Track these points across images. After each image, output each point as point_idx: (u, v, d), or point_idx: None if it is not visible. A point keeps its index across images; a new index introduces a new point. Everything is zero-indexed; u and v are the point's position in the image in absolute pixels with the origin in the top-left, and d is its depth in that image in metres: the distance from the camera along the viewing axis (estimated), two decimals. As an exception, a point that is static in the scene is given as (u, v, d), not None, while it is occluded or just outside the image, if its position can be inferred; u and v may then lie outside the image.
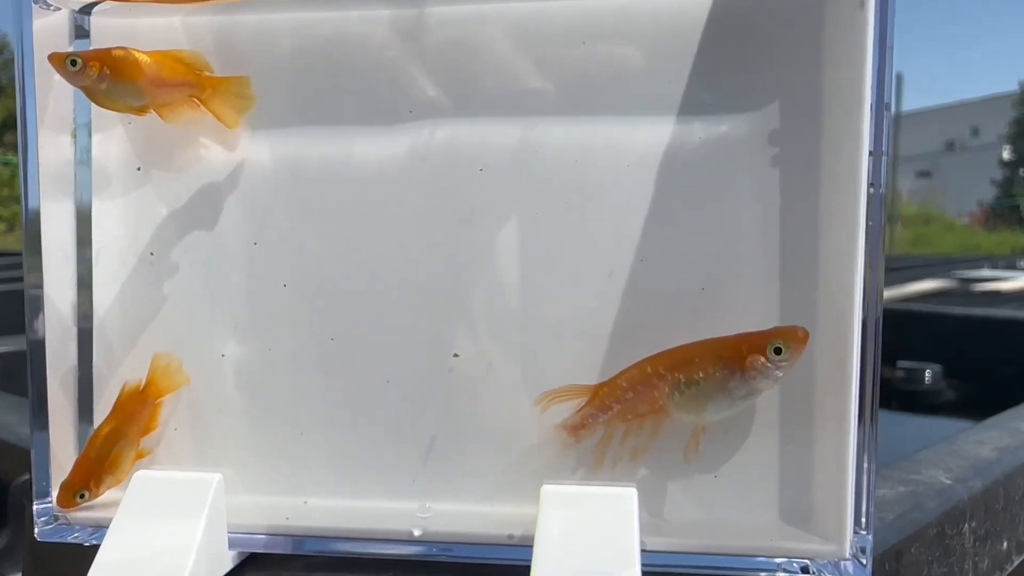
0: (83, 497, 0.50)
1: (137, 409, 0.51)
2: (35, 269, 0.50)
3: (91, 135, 0.53)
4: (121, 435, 0.50)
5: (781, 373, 0.45)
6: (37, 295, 0.51)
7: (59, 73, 0.48)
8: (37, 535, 0.51)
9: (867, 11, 0.43)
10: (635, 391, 0.47)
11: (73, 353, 0.53)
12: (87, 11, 0.52)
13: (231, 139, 0.52)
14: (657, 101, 0.49)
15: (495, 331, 0.50)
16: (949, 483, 0.65)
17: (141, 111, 0.50)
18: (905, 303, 2.45)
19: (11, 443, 0.85)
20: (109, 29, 0.52)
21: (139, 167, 0.53)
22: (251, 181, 0.52)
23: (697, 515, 0.49)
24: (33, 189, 0.50)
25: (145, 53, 0.49)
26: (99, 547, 0.46)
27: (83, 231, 0.53)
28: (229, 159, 0.52)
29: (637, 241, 0.49)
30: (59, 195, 0.52)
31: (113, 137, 0.53)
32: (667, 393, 0.47)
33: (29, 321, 0.51)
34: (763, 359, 0.45)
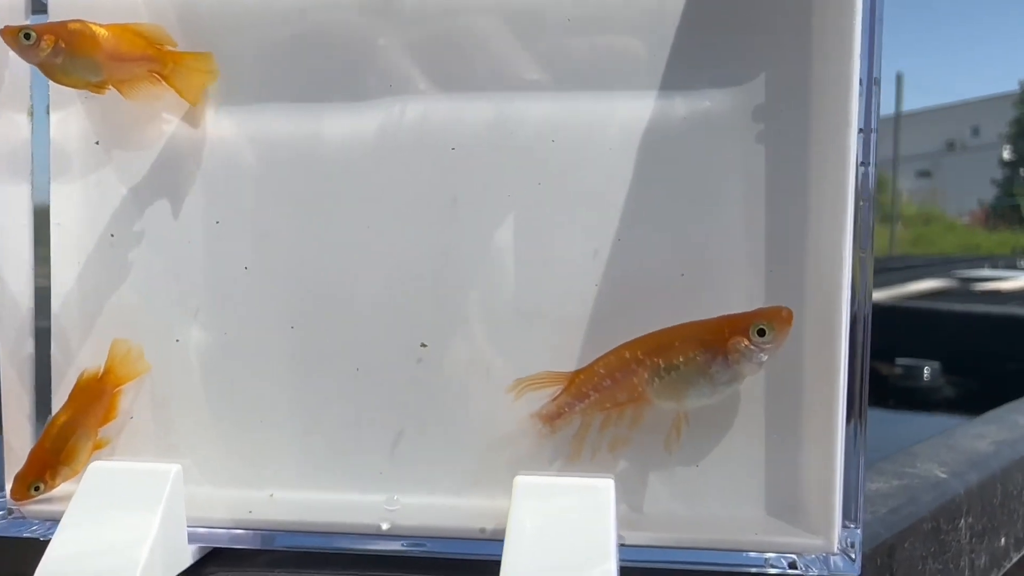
0: (38, 490, 0.48)
1: (95, 397, 0.48)
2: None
3: (49, 114, 0.50)
4: (78, 425, 0.48)
5: (765, 356, 0.43)
6: (-9, 279, 0.49)
7: (12, 48, 0.46)
8: (-10, 530, 0.49)
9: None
10: (613, 378, 0.45)
11: (29, 340, 0.50)
12: (44, -15, 0.50)
13: (194, 116, 0.50)
14: (638, 76, 0.47)
15: (467, 318, 0.48)
16: (944, 477, 0.62)
17: (99, 87, 0.48)
18: (903, 301, 2.43)
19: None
20: (67, 5, 0.50)
21: (97, 141, 0.51)
22: (214, 160, 0.50)
23: (679, 508, 0.47)
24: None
25: (103, 26, 0.47)
26: (52, 542, 0.44)
27: (40, 214, 0.51)
28: (192, 137, 0.50)
29: (616, 223, 0.47)
30: (14, 177, 0.50)
31: (72, 115, 0.51)
32: (646, 379, 0.44)
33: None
34: (746, 342, 0.42)
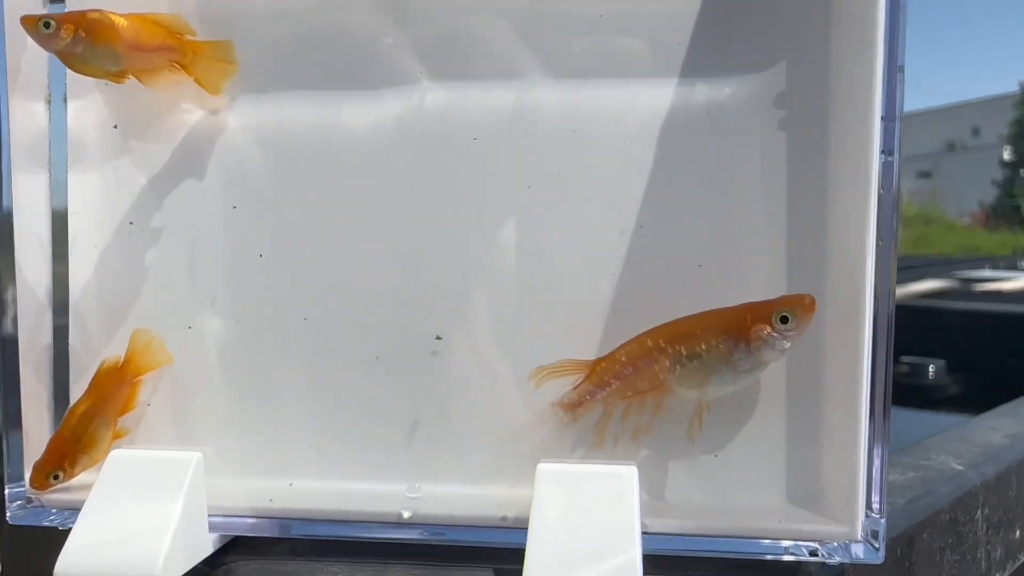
0: (57, 478, 0.48)
1: (115, 387, 0.48)
2: (6, 243, 0.48)
3: (66, 102, 0.50)
4: (97, 413, 0.48)
5: (788, 343, 0.43)
6: (9, 270, 0.48)
7: (32, 37, 0.46)
8: (9, 519, 0.49)
9: (880, -36, 0.41)
10: (635, 366, 0.45)
11: (48, 329, 0.50)
12: (62, -27, 0.50)
13: (213, 104, 0.50)
14: (659, 63, 0.47)
15: (486, 307, 0.48)
16: (961, 469, 0.62)
17: (119, 77, 0.48)
18: (907, 300, 2.43)
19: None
20: (86, -9, 0.50)
21: (115, 125, 0.50)
22: (232, 148, 0.50)
23: (701, 496, 0.46)
24: (4, 160, 0.48)
25: (123, 16, 0.47)
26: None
27: (58, 202, 0.51)
28: (210, 125, 0.50)
29: (635, 212, 0.47)
30: (32, 166, 0.50)
31: (90, 104, 0.51)
32: (668, 367, 0.44)
33: (0, 296, 0.48)
34: (769, 329, 0.42)
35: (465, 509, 0.46)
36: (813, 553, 0.44)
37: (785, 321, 0.42)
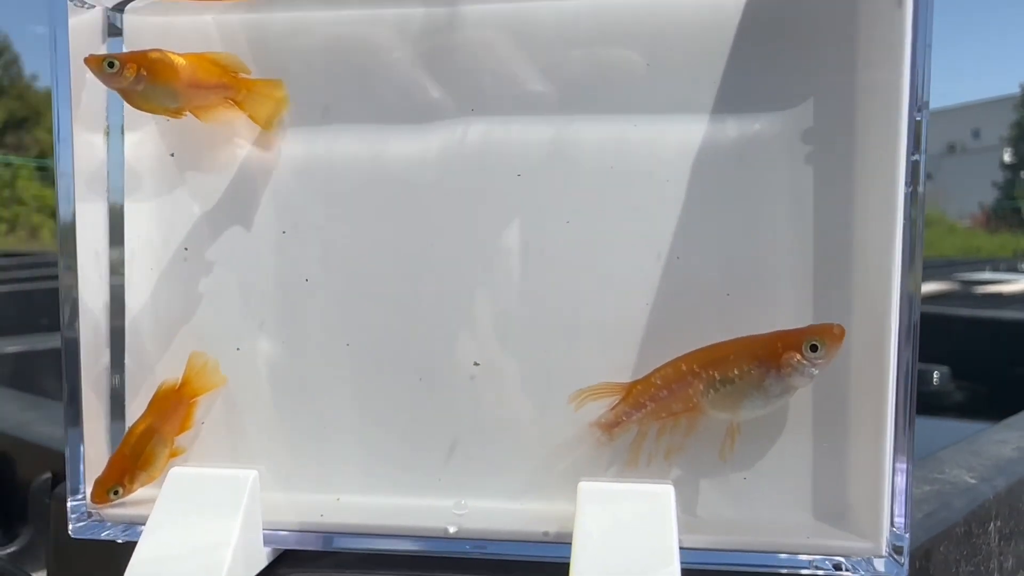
0: (117, 494, 0.50)
1: (172, 407, 0.51)
2: (70, 269, 0.51)
3: (124, 134, 0.53)
4: (156, 432, 0.50)
5: (817, 370, 0.45)
6: (72, 295, 0.51)
7: (96, 75, 0.48)
8: (71, 532, 0.51)
9: (905, 8, 0.43)
10: (669, 389, 0.47)
11: (105, 352, 0.53)
12: (120, 8, 0.52)
13: (265, 139, 0.52)
14: (692, 101, 0.49)
15: (525, 333, 0.50)
16: (974, 482, 0.65)
17: (176, 113, 0.50)
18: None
19: (30, 442, 0.85)
20: (142, 27, 0.52)
21: (172, 153, 0.53)
22: (283, 178, 0.52)
23: (731, 512, 0.49)
24: (67, 189, 0.50)
25: (181, 55, 0.49)
26: (134, 544, 0.46)
27: (116, 230, 0.53)
28: (261, 156, 0.52)
29: (670, 241, 0.49)
30: (92, 195, 0.52)
31: (146, 135, 0.53)
32: (702, 391, 0.47)
33: (64, 320, 0.51)
34: (799, 356, 0.45)
35: (507, 524, 0.49)
36: (838, 567, 0.47)
37: (815, 349, 0.45)
